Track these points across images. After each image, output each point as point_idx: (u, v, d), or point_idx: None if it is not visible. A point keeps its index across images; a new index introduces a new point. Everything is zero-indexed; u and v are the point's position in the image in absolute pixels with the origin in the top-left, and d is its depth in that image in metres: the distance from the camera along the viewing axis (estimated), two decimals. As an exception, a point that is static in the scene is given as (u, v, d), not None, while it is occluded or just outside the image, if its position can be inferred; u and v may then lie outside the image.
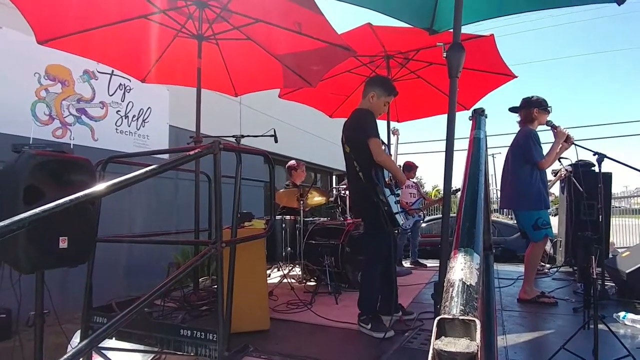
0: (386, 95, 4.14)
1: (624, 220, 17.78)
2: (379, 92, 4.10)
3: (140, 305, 2.26)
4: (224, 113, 9.65)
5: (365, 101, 4.15)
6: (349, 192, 5.09)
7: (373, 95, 4.09)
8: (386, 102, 4.19)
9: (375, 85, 4.17)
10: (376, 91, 4.10)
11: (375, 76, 4.57)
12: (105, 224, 3.79)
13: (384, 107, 4.24)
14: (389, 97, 4.18)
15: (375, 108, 4.13)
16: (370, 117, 4.01)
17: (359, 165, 3.95)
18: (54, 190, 2.95)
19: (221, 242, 2.88)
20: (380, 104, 4.15)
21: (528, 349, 3.49)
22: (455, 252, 1.06)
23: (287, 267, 6.21)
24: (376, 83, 4.21)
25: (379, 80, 4.29)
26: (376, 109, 4.14)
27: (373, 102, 4.10)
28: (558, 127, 4.80)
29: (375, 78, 4.43)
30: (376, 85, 4.15)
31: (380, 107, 4.17)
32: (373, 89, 4.12)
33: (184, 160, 2.84)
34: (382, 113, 4.41)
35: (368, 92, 4.13)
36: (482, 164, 1.67)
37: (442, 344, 0.75)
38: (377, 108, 4.15)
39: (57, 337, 4.05)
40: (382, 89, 4.12)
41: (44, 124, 6.41)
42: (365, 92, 4.16)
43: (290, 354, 3.22)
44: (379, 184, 3.84)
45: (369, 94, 4.12)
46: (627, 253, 5.25)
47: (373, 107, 4.11)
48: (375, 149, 3.83)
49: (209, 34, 4.93)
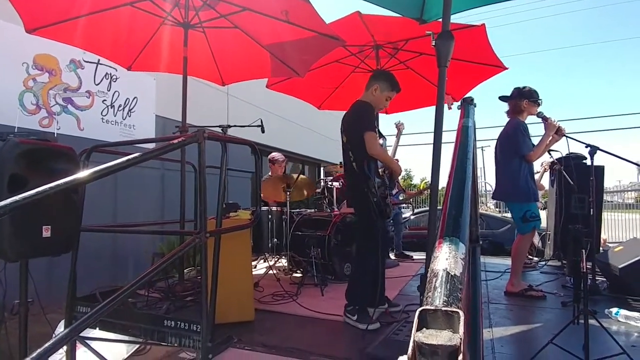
0: (389, 90, 4.12)
1: (616, 214, 17.81)
2: (383, 86, 4.08)
3: (122, 295, 2.23)
4: (211, 103, 9.56)
5: (367, 93, 4.14)
6: (345, 182, 5.04)
7: (376, 88, 4.08)
8: (388, 97, 4.16)
9: (379, 79, 4.15)
10: (380, 85, 4.08)
11: (381, 70, 4.56)
12: (91, 214, 3.75)
13: (385, 102, 4.21)
14: (392, 92, 4.15)
15: (377, 102, 4.12)
16: (369, 109, 4.02)
17: (353, 155, 3.95)
18: (37, 178, 2.92)
19: (205, 232, 2.85)
20: (382, 98, 4.13)
21: (515, 343, 3.47)
22: (440, 241, 1.02)
23: (273, 258, 6.20)
24: (381, 77, 4.19)
25: (384, 75, 4.27)
26: (377, 102, 4.13)
27: (375, 95, 4.09)
28: (549, 119, 4.76)
29: (381, 71, 4.43)
30: (380, 79, 4.14)
31: (381, 101, 4.15)
32: (377, 82, 4.10)
33: (167, 149, 2.80)
34: (382, 108, 4.40)
35: (372, 84, 4.12)
36: (470, 152, 1.63)
37: (423, 336, 0.71)
38: (378, 102, 4.13)
39: (43, 327, 4.02)
40: (386, 83, 4.10)
41: (31, 113, 6.31)
42: (369, 85, 4.14)
43: (275, 346, 3.20)
44: (370, 176, 3.83)
45: (372, 86, 4.10)
46: (619, 248, 5.22)
47: (375, 100, 4.10)
48: (370, 141, 3.81)
49: (195, 21, 4.88)
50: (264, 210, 5.96)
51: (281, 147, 11.18)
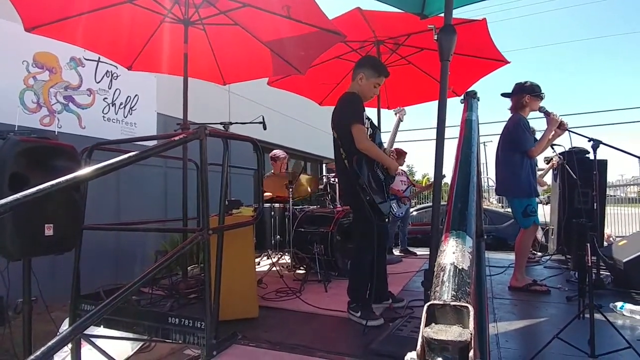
0: (376, 77, 3.89)
1: (619, 209, 17.74)
2: (368, 73, 3.87)
3: (126, 293, 2.22)
4: (212, 101, 9.56)
5: (354, 84, 3.94)
6: (338, 179, 5.01)
7: (362, 77, 3.87)
8: (376, 84, 3.92)
9: (363, 66, 3.93)
10: (365, 72, 3.87)
11: (364, 57, 4.31)
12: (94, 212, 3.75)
13: (374, 89, 3.96)
14: (379, 78, 3.91)
15: (365, 90, 3.91)
16: (357, 101, 3.81)
17: (344, 151, 3.79)
18: (38, 177, 2.92)
19: (208, 229, 2.85)
20: (369, 86, 3.90)
21: (520, 338, 3.46)
22: (447, 234, 1.01)
23: (277, 255, 6.19)
24: (365, 64, 3.96)
25: (367, 61, 4.04)
26: (366, 91, 3.92)
27: (362, 84, 3.88)
28: (551, 114, 4.72)
29: (363, 58, 4.16)
30: (364, 66, 3.91)
31: (370, 89, 3.92)
32: (362, 70, 3.89)
33: (169, 146, 2.79)
34: (372, 96, 4.09)
35: (357, 73, 3.92)
36: (474, 146, 1.62)
37: (432, 331, 0.70)
38: (367, 90, 3.92)
39: (47, 325, 4.04)
40: (371, 70, 3.88)
41: (32, 111, 6.32)
42: (354, 74, 3.95)
43: (279, 342, 3.18)
44: (360, 174, 3.67)
45: (357, 75, 3.90)
46: (623, 242, 5.21)
47: (362, 89, 3.89)
48: (358, 135, 3.65)
49: (195, 18, 4.85)
50: (267, 207, 5.94)
51: (283, 144, 11.20)
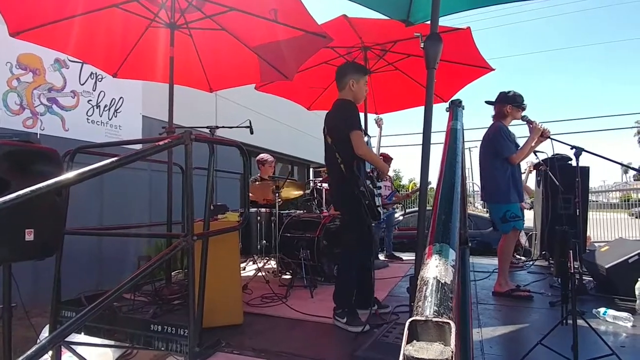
0: (363, 76, 4.12)
1: (601, 214, 17.94)
2: (357, 77, 4.06)
3: (107, 300, 2.19)
4: (199, 104, 9.50)
5: (346, 91, 4.08)
6: (329, 184, 5.01)
7: (353, 83, 4.04)
8: (365, 83, 4.16)
9: (349, 72, 4.11)
10: (353, 77, 4.05)
11: (343, 64, 4.44)
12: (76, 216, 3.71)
13: (365, 88, 4.18)
14: (365, 76, 4.16)
15: (359, 94, 4.11)
16: (353, 108, 3.97)
17: (341, 157, 3.90)
18: (19, 181, 2.86)
19: (192, 234, 2.82)
20: (362, 88, 4.11)
21: (504, 343, 3.47)
22: (430, 247, 1.00)
23: (262, 260, 6.16)
24: (349, 69, 4.16)
25: (350, 66, 4.26)
26: (359, 94, 4.11)
27: (355, 88, 4.06)
28: (534, 123, 4.81)
29: (344, 66, 4.33)
30: (350, 73, 4.10)
31: (362, 90, 4.13)
32: (350, 76, 4.06)
33: (153, 151, 2.77)
34: (365, 96, 4.34)
35: (346, 81, 4.07)
36: (458, 155, 1.62)
37: (413, 349, 0.69)
38: (360, 93, 4.12)
39: (27, 331, 3.97)
40: (357, 73, 4.10)
41: (15, 113, 6.24)
42: (343, 82, 4.09)
43: (264, 349, 3.17)
44: (360, 177, 3.82)
45: (347, 82, 4.06)
46: (606, 248, 5.26)
47: (357, 93, 4.09)
48: (357, 141, 3.79)
49: (181, 22, 4.81)
50: (253, 212, 5.91)
51: (270, 148, 11.15)
